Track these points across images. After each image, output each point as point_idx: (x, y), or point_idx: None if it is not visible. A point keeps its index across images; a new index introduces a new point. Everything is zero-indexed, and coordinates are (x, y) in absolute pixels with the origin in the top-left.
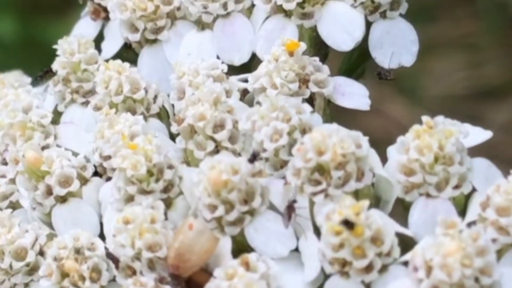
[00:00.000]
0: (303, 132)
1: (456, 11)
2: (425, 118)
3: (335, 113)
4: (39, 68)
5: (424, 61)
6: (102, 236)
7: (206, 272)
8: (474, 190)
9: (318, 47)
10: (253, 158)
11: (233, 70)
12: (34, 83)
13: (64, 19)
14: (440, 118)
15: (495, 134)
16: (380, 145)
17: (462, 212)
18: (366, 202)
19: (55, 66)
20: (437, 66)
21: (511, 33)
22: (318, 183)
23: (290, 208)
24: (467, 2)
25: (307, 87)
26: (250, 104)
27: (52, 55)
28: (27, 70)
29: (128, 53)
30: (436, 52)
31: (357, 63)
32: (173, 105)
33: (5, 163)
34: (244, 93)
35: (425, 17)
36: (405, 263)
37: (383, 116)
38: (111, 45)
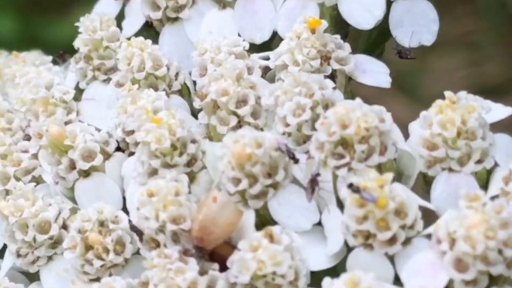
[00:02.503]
0: (326, 107)
1: (456, 10)
2: (448, 93)
3: (350, 96)
4: None
5: (424, 59)
6: (124, 211)
7: (230, 245)
8: (496, 165)
9: (339, 26)
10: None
11: (254, 48)
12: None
13: (65, 18)
14: (462, 93)
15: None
16: None
17: (484, 187)
18: (390, 175)
19: (76, 43)
20: (438, 64)
21: (511, 31)
22: (342, 156)
23: (314, 181)
24: (467, 1)
25: (328, 64)
26: (271, 82)
27: (52, 53)
28: None
29: (148, 32)
30: (436, 50)
31: (376, 42)
32: (194, 83)
33: (28, 139)
34: (265, 70)
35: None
36: (428, 236)
37: None
38: (132, 24)
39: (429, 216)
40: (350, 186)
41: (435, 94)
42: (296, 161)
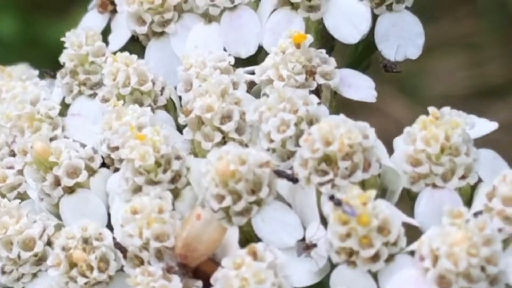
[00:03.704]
0: (310, 123)
1: (456, 11)
2: (431, 109)
3: (335, 111)
4: (40, 67)
5: (424, 60)
6: (109, 227)
7: (214, 262)
8: (480, 181)
9: (325, 40)
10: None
11: (239, 62)
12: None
13: (65, 18)
14: (446, 109)
15: (496, 133)
16: None
17: (468, 203)
18: (373, 192)
19: (62, 58)
20: (438, 65)
21: (511, 32)
22: (325, 173)
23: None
24: (468, 2)
25: (313, 79)
26: (257, 97)
27: (53, 54)
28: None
29: (134, 46)
30: (436, 51)
31: (362, 56)
32: (180, 98)
33: (13, 155)
34: (251, 85)
35: (426, 16)
36: (412, 253)
37: (384, 116)
38: (118, 38)
39: (414, 233)
40: (332, 198)
41: (436, 95)
42: (295, 181)
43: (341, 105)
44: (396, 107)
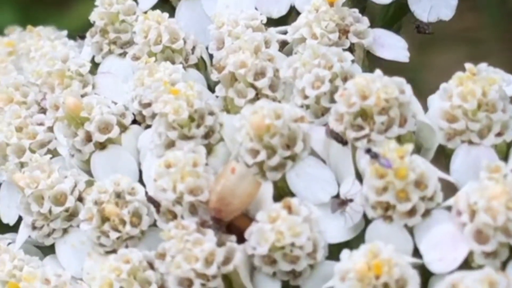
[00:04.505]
0: (345, 79)
1: (457, 5)
2: (468, 65)
3: (368, 70)
4: None
5: (425, 54)
6: (141, 184)
7: (247, 217)
8: None
9: (356, 1)
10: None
11: (271, 23)
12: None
13: (64, 11)
14: (483, 65)
15: None
16: None
17: (504, 160)
18: (410, 146)
19: (92, 17)
20: (438, 59)
21: None
22: (361, 128)
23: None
24: None
25: (347, 37)
26: (289, 56)
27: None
28: None
29: (164, 8)
30: (437, 45)
31: (394, 17)
32: (211, 57)
33: (43, 112)
34: (282, 45)
35: None
36: (448, 208)
37: None
38: None
39: (449, 190)
40: (368, 151)
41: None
42: (345, 143)
43: None
44: None
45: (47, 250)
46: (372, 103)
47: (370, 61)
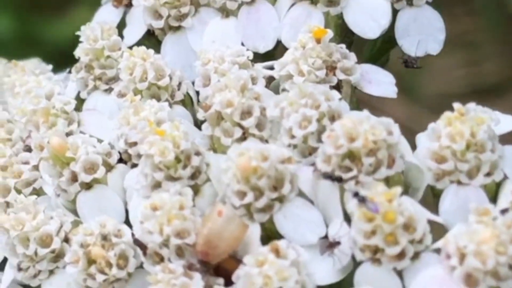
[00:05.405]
0: (332, 119)
1: (454, 9)
2: (456, 105)
3: (356, 107)
4: None
5: (422, 58)
6: (127, 224)
7: (235, 259)
8: (505, 177)
9: (344, 35)
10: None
11: (257, 57)
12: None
13: (63, 18)
14: (471, 105)
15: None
16: None
17: (493, 200)
18: (398, 189)
19: (77, 52)
20: (436, 63)
21: (509, 31)
22: (349, 169)
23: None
24: (465, 0)
25: (334, 74)
26: (275, 92)
27: (50, 53)
28: None
29: (150, 41)
30: None
31: (381, 51)
32: (197, 93)
33: (28, 149)
34: (269, 80)
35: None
36: (437, 251)
37: (381, 114)
38: (134, 32)
39: (437, 230)
40: (356, 195)
41: (434, 93)
42: (340, 180)
43: None
44: (394, 105)
45: None
46: (360, 145)
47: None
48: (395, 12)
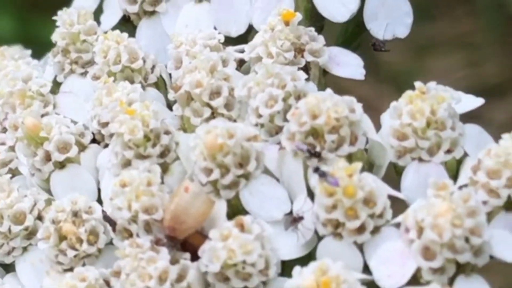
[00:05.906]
0: (298, 98)
1: (454, 10)
2: (417, 84)
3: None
4: None
5: (422, 60)
6: (99, 202)
7: (201, 235)
8: (466, 155)
9: (314, 19)
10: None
11: (230, 41)
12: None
13: None
14: (432, 84)
15: (494, 133)
16: None
17: (454, 177)
18: (359, 165)
19: (54, 37)
20: (436, 65)
21: (509, 32)
22: (313, 146)
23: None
24: (466, 1)
25: (302, 56)
26: (247, 74)
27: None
28: None
29: (126, 27)
30: (434, 51)
31: (353, 36)
32: (170, 76)
33: (5, 131)
34: (241, 63)
35: (424, 16)
36: (397, 225)
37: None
38: (110, 18)
39: (400, 206)
40: (316, 170)
41: None
42: (320, 158)
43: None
44: None
45: (9, 268)
46: (322, 122)
47: (349, 87)
48: None
